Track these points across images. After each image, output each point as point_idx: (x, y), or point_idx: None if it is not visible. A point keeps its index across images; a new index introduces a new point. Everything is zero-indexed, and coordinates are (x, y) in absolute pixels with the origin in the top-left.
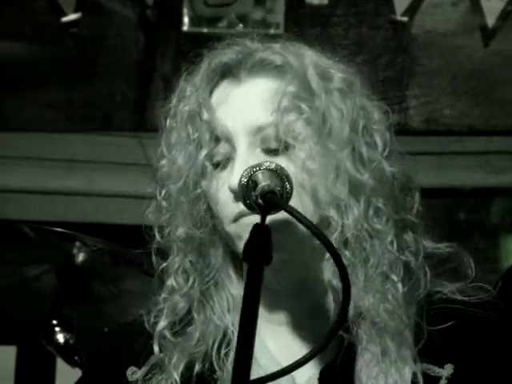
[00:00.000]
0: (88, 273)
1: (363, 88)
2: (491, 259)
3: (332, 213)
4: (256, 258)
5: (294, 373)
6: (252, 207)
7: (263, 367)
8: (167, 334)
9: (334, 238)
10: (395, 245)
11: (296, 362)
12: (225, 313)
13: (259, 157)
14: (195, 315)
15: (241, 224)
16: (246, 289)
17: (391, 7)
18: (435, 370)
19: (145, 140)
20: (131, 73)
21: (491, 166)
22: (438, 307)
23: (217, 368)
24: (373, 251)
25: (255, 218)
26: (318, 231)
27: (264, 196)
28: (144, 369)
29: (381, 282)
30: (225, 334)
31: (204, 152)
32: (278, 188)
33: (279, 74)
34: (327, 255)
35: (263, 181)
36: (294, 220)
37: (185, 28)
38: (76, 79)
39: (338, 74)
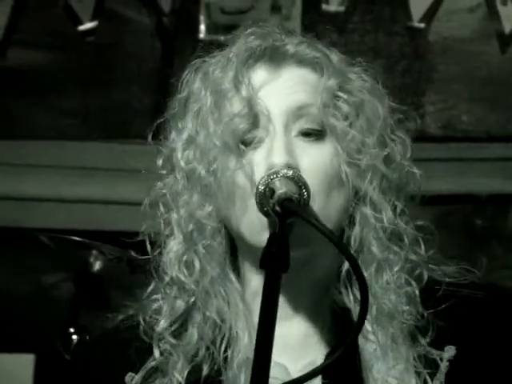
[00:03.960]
0: (104, 281)
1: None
2: (508, 266)
3: (366, 210)
4: (273, 265)
5: (286, 363)
6: (269, 214)
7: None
8: (167, 335)
9: (371, 235)
10: (412, 243)
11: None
12: (224, 311)
13: (294, 141)
14: (195, 313)
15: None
16: (263, 298)
17: (408, 14)
18: (435, 353)
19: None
20: (148, 80)
21: (509, 173)
22: (429, 289)
23: (222, 370)
24: (397, 251)
25: None
26: (336, 239)
27: (281, 203)
28: (141, 373)
29: (401, 281)
30: (224, 332)
31: (241, 128)
32: (296, 195)
33: (317, 67)
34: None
35: (280, 188)
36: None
37: (201, 35)
38: (93, 87)
39: (364, 74)
